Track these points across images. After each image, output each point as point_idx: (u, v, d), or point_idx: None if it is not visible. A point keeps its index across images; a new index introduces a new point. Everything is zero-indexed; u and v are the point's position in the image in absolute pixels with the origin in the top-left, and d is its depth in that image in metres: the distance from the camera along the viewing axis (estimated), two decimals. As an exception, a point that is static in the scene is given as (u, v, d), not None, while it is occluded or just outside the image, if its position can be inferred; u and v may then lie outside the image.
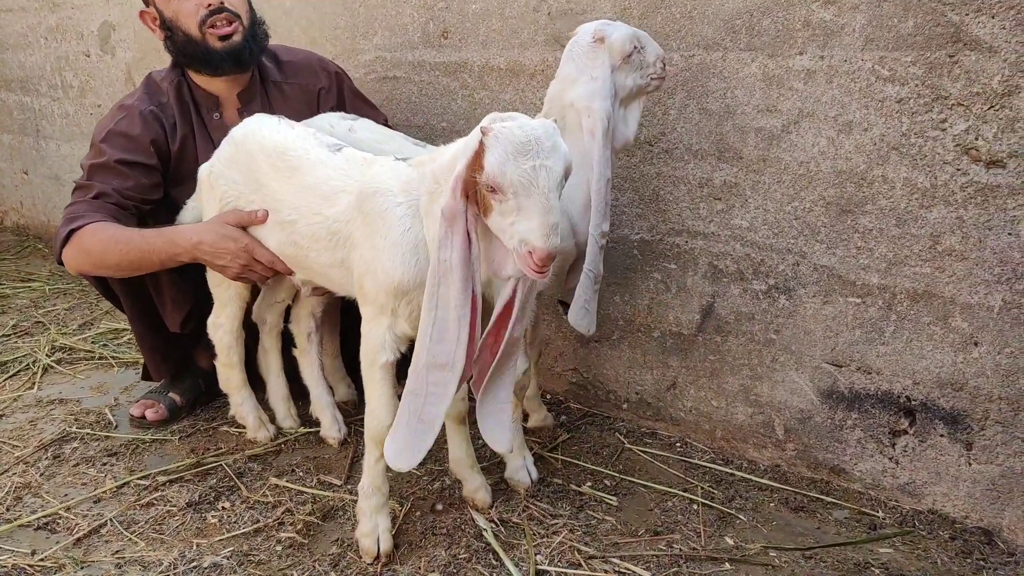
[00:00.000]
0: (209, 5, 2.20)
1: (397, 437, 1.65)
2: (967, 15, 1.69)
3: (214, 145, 2.22)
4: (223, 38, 2.22)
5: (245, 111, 2.30)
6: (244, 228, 2.04)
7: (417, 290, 1.67)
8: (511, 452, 1.85)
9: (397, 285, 1.67)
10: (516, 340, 1.68)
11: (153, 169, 2.29)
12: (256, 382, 2.47)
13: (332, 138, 1.99)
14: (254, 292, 2.32)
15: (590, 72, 1.89)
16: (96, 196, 2.20)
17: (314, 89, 2.43)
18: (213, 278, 2.22)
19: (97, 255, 2.14)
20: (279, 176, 1.94)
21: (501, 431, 1.76)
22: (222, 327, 2.28)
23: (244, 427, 2.40)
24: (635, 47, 1.90)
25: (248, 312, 2.35)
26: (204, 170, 2.15)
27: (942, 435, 1.91)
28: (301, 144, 1.94)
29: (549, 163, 1.41)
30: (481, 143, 1.43)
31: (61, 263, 2.24)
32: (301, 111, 2.32)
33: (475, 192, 1.48)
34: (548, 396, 2.64)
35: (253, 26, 2.30)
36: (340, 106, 2.44)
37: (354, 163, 1.85)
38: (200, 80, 2.36)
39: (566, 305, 2.51)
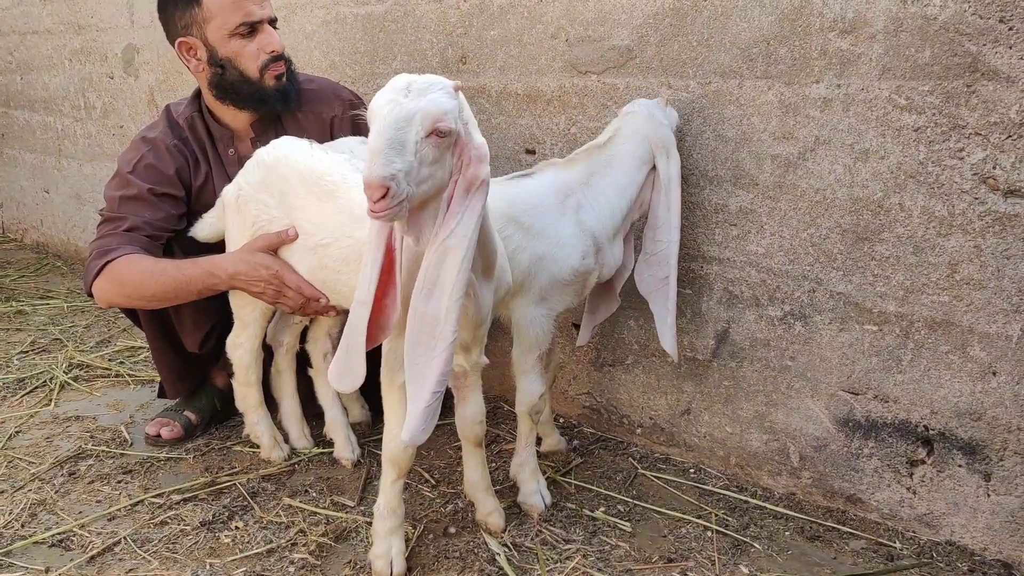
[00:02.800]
0: (273, 52, 2.27)
1: (338, 362, 1.66)
2: (984, 45, 1.70)
3: (230, 180, 2.25)
4: (279, 78, 2.30)
5: (259, 141, 2.32)
6: (275, 250, 2.07)
7: None
8: (414, 444, 1.63)
9: None
10: (431, 319, 1.55)
11: (180, 200, 2.34)
12: (269, 403, 2.48)
13: (355, 159, 2.02)
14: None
15: (660, 119, 2.06)
16: (129, 229, 2.23)
17: (327, 118, 2.45)
18: (235, 299, 2.24)
19: (132, 286, 2.17)
20: (314, 200, 1.96)
21: (412, 416, 1.57)
22: (242, 347, 2.29)
23: (258, 447, 2.41)
24: None
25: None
26: (231, 193, 2.16)
27: (960, 465, 1.90)
28: (338, 169, 1.96)
29: (404, 100, 1.41)
30: None
31: (91, 295, 2.25)
32: (313, 137, 2.35)
33: None
34: (561, 420, 2.64)
35: (291, 66, 2.38)
36: (355, 133, 2.46)
37: None
38: (222, 113, 2.39)
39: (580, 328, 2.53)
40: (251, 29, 2.26)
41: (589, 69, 2.35)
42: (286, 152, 2.06)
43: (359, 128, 2.48)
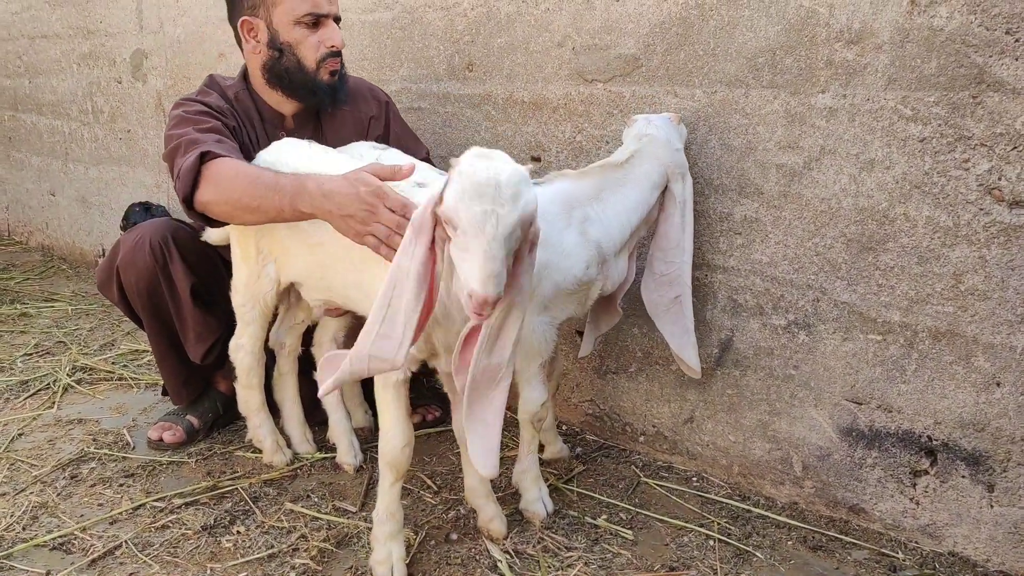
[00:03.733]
0: (333, 47, 2.28)
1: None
2: (991, 57, 1.71)
3: None
4: (332, 74, 2.30)
5: (297, 133, 2.33)
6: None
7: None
8: (492, 476, 1.74)
9: None
10: (494, 367, 1.63)
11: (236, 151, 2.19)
12: (272, 408, 2.49)
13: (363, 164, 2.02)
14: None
15: (676, 144, 2.07)
16: (208, 130, 2.12)
17: (365, 117, 2.47)
18: (238, 298, 2.24)
19: (225, 185, 1.99)
20: None
21: (485, 454, 1.67)
22: (244, 348, 2.29)
23: (260, 451, 2.41)
24: None
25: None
26: None
27: (964, 476, 1.89)
28: (337, 168, 1.96)
29: (502, 212, 1.41)
30: (449, 170, 1.48)
31: (189, 203, 2.05)
32: (350, 137, 2.36)
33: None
34: (564, 427, 2.63)
35: (344, 67, 2.38)
36: (385, 134, 2.48)
37: None
38: (268, 97, 2.38)
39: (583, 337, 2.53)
40: (316, 21, 2.26)
41: (595, 77, 2.36)
42: (285, 153, 2.07)
43: (388, 131, 2.50)
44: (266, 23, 2.29)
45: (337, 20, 2.33)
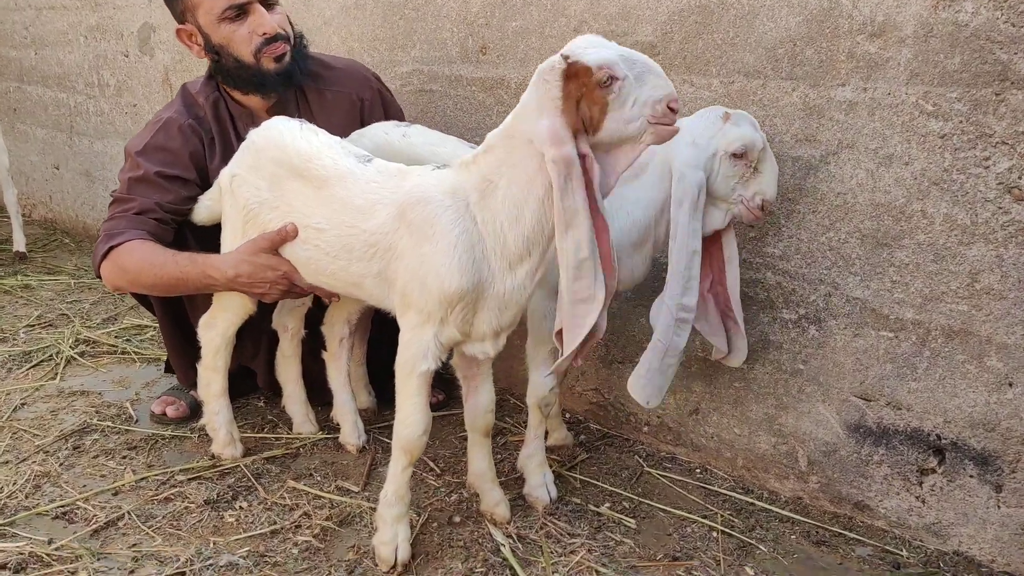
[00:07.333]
0: (265, 34, 2.18)
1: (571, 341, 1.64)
2: (1016, 54, 1.69)
3: None
4: (278, 59, 2.21)
5: None
6: (277, 249, 1.99)
7: (472, 294, 1.67)
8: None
9: (454, 291, 1.65)
10: None
11: (191, 183, 2.25)
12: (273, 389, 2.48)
13: (358, 148, 1.99)
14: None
15: (700, 140, 1.90)
16: (138, 212, 2.17)
17: (357, 99, 2.41)
18: None
19: (133, 274, 2.14)
20: (306, 185, 1.91)
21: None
22: (215, 328, 2.21)
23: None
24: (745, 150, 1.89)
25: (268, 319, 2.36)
26: (226, 175, 2.10)
27: (971, 476, 1.89)
28: (328, 153, 1.91)
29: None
30: (568, 60, 1.52)
31: (100, 277, 2.22)
32: (343, 118, 2.32)
33: (577, 118, 1.55)
34: (568, 416, 2.62)
35: (297, 43, 2.29)
36: (386, 114, 2.44)
37: (388, 174, 1.84)
38: (235, 95, 2.34)
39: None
40: (240, 12, 2.16)
41: (612, 64, 2.33)
42: (276, 135, 2.00)
43: (387, 108, 2.47)
44: (197, 28, 2.23)
45: (267, 2, 2.21)
